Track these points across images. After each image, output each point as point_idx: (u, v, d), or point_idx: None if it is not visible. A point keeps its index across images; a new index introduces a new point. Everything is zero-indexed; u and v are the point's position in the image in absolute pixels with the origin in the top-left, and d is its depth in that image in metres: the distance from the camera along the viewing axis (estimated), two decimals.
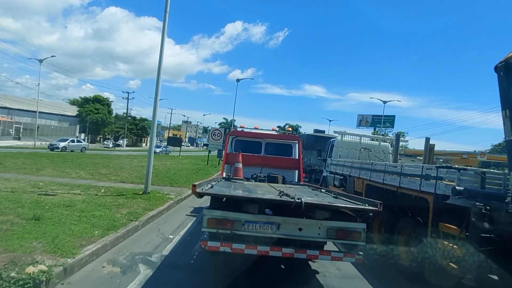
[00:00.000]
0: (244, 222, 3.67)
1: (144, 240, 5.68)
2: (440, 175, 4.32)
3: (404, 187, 5.24)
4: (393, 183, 5.63)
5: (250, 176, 7.21)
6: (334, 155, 11.11)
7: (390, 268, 5.21)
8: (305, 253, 3.76)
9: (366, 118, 57.95)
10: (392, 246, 5.19)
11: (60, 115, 59.91)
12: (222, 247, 3.67)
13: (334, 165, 10.24)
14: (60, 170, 13.39)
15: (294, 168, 8.07)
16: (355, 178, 7.78)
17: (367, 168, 6.99)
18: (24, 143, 39.05)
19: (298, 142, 8.43)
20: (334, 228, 3.76)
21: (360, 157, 10.13)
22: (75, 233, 5.00)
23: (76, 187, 9.55)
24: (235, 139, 8.35)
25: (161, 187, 11.42)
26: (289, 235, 3.72)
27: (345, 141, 11.06)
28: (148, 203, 8.10)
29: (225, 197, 4.01)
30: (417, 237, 4.63)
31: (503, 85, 3.95)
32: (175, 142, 39.85)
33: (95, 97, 66.22)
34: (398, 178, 5.47)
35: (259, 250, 3.67)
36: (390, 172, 5.89)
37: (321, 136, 18.62)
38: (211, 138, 24.03)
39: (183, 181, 13.10)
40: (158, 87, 9.21)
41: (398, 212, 5.56)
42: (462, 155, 24.83)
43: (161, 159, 28.14)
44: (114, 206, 7.29)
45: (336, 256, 3.85)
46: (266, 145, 8.24)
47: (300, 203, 3.53)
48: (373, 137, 13.84)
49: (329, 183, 10.49)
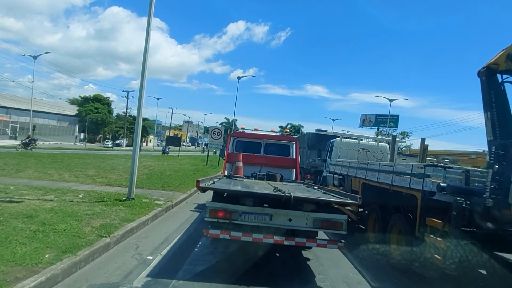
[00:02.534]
0: (241, 213, 4.19)
1: (113, 264, 4.42)
2: (428, 173, 4.57)
3: (396, 185, 5.46)
4: (386, 181, 5.80)
5: (250, 174, 7.59)
6: (334, 155, 11.10)
7: (384, 264, 5.35)
8: (294, 241, 4.25)
9: (369, 117, 56.95)
10: (385, 241, 5.51)
11: (59, 115, 59.13)
12: (222, 234, 4.19)
13: (333, 165, 10.31)
14: (42, 172, 12.18)
15: (292, 167, 8.58)
16: (352, 177, 7.85)
17: (363, 168, 7.11)
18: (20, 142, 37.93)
19: (295, 142, 8.90)
20: (320, 219, 4.27)
21: (359, 157, 10.12)
22: (17, 259, 3.76)
23: (51, 191, 8.34)
24: (236, 140, 8.79)
25: (151, 191, 10.20)
26: (280, 224, 4.24)
27: (344, 142, 11.15)
28: (130, 211, 6.87)
29: (225, 191, 4.49)
30: (407, 232, 4.92)
31: (485, 89, 4.39)
32: (174, 141, 38.59)
33: (95, 97, 65.29)
34: (390, 177, 5.66)
35: (254, 237, 4.19)
36: (384, 171, 6.07)
37: (326, 135, 17.28)
38: (210, 137, 22.83)
39: (177, 184, 11.87)
40: (144, 75, 7.98)
41: (391, 209, 5.78)
42: (471, 155, 24.28)
43: (158, 159, 26.92)
44: (86, 217, 6.07)
45: (321, 243, 4.40)
46: (265, 146, 8.68)
47: (289, 197, 4.09)
48: (371, 138, 13.45)
49: (328, 183, 10.56)
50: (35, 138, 27.82)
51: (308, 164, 15.99)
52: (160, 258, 4.87)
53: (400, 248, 5.14)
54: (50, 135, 52.46)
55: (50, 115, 56.31)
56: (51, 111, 56.29)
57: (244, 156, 7.83)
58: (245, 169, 7.63)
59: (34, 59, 33.87)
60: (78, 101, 65.75)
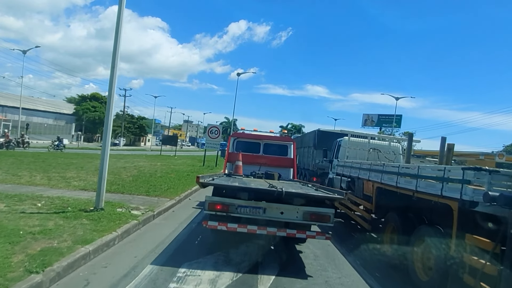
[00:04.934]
0: (237, 206, 4.57)
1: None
2: (467, 178, 3.70)
3: (421, 191, 4.62)
4: (408, 186, 5.01)
5: (249, 173, 7.87)
6: (341, 155, 10.26)
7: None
8: (285, 232, 4.64)
9: (371, 117, 55.88)
10: (406, 257, 4.82)
11: (56, 113, 57.94)
12: (219, 226, 4.60)
13: (341, 167, 9.50)
14: (12, 173, 10.66)
15: (289, 166, 8.81)
16: (364, 180, 7.14)
17: (378, 170, 6.34)
18: None
19: (293, 143, 9.25)
20: (309, 212, 4.63)
21: (369, 158, 9.52)
22: None
23: (7, 198, 6.81)
24: (237, 140, 9.12)
25: (133, 196, 8.68)
26: (273, 217, 4.63)
27: (353, 141, 10.35)
28: (94, 227, 5.34)
29: (222, 186, 4.89)
30: (437, 249, 4.15)
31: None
32: (170, 141, 37.01)
33: (92, 95, 63.91)
34: (414, 181, 4.84)
35: (248, 229, 4.58)
36: (405, 174, 5.23)
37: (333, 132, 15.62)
38: (208, 136, 21.30)
39: (165, 188, 10.33)
40: (116, 53, 6.46)
41: (414, 219, 5.07)
42: (479, 156, 23.64)
43: (152, 159, 25.36)
44: (29, 236, 4.54)
45: (310, 234, 4.76)
46: (264, 146, 8.96)
47: (281, 192, 4.48)
48: (383, 137, 12.72)
49: (335, 186, 9.71)
50: (24, 138, 26.33)
51: (314, 166, 14.38)
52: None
53: (425, 264, 4.44)
54: (46, 134, 51.07)
55: (47, 114, 55.26)
56: (48, 110, 55.04)
57: (243, 156, 8.06)
58: (245, 168, 7.83)
59: (23, 53, 32.35)
60: (75, 100, 64.42)
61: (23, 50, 32.33)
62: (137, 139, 65.95)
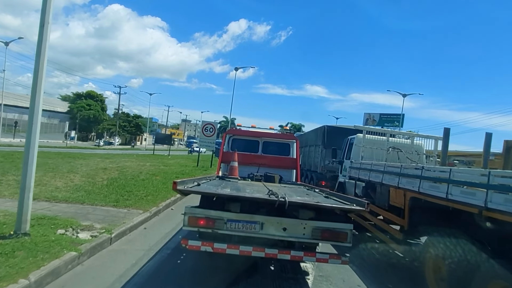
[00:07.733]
0: (226, 221, 3.59)
1: None
2: None
3: (494, 208, 3.10)
4: (470, 201, 3.43)
5: (246, 175, 6.95)
6: (354, 156, 8.95)
7: None
8: (289, 254, 3.65)
9: (373, 116, 54.36)
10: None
11: (49, 111, 55.94)
12: (203, 246, 3.60)
13: (356, 169, 8.04)
14: None
15: (292, 167, 7.96)
16: (392, 187, 5.69)
17: (413, 175, 4.88)
18: (2, 140, 34.59)
19: (296, 141, 8.24)
20: (320, 228, 3.65)
21: (388, 158, 8.22)
22: None
23: None
24: (232, 138, 8.12)
25: (94, 208, 6.72)
26: (273, 235, 3.64)
27: (369, 139, 8.91)
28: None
29: (206, 194, 3.82)
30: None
31: None
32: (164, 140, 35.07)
33: (87, 93, 62.01)
34: (480, 193, 3.31)
35: (241, 250, 3.62)
36: (461, 183, 3.70)
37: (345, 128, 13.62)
38: (202, 134, 19.35)
39: (142, 196, 8.37)
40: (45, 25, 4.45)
41: (485, 251, 3.41)
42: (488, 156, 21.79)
43: (143, 159, 23.37)
44: None
45: (321, 258, 3.73)
46: (264, 144, 8.07)
47: (283, 202, 3.43)
48: (403, 134, 10.79)
49: (348, 191, 8.49)
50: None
51: (324, 168, 12.38)
52: None
53: None
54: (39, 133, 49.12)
55: None
56: None
57: (240, 156, 7.19)
58: (241, 170, 7.01)
59: (6, 45, 30.31)
60: (70, 98, 62.46)
61: (5, 42, 30.26)
62: (133, 138, 64.02)
